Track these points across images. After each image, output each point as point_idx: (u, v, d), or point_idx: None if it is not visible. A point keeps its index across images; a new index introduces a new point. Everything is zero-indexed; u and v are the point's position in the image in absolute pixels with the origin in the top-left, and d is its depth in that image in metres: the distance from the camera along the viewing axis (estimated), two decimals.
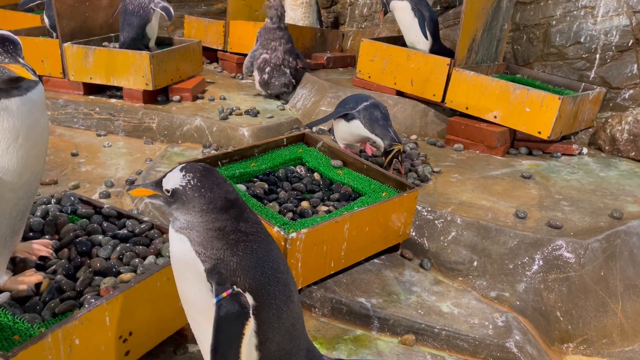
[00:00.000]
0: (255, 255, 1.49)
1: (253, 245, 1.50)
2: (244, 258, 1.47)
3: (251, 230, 1.51)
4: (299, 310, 1.64)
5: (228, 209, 1.50)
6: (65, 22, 4.32)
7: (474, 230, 2.76)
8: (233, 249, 1.47)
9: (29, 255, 1.97)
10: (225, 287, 1.45)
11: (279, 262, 1.57)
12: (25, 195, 1.76)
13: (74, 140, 3.99)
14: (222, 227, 1.48)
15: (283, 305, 1.54)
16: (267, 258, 1.52)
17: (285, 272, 1.58)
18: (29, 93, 1.64)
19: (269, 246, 1.55)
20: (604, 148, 3.90)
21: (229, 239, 1.47)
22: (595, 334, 2.54)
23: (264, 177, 2.83)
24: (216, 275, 1.45)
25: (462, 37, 3.83)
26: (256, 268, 1.49)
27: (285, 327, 1.56)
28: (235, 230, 1.49)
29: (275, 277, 1.52)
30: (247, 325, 1.45)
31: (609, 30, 4.03)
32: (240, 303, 1.45)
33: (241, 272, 1.46)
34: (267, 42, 4.57)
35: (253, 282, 1.47)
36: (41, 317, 1.68)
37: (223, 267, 1.45)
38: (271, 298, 1.50)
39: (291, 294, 1.58)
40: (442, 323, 2.29)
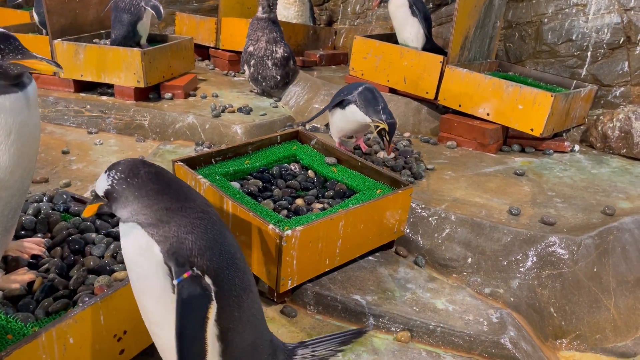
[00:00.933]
0: (210, 235, 1.45)
1: (206, 225, 1.46)
2: (198, 237, 1.43)
3: (200, 210, 1.48)
4: (258, 301, 1.61)
5: (165, 190, 1.47)
6: (55, 18, 4.27)
7: (468, 227, 2.77)
8: (186, 227, 1.43)
9: (21, 253, 1.95)
10: (184, 269, 1.41)
11: (236, 249, 1.53)
12: (18, 192, 1.74)
13: (65, 138, 3.95)
14: (167, 206, 1.45)
15: (242, 293, 1.50)
16: (223, 241, 1.48)
17: (242, 260, 1.54)
18: (23, 90, 1.62)
19: (222, 230, 1.51)
20: (595, 145, 3.93)
21: (178, 216, 1.44)
22: (588, 329, 2.56)
23: (258, 175, 2.81)
24: (173, 256, 1.41)
25: (455, 34, 3.84)
26: (212, 249, 1.44)
27: (246, 317, 1.52)
28: (182, 207, 1.46)
29: (234, 263, 1.48)
30: (211, 309, 1.41)
31: (600, 27, 4.05)
32: (201, 285, 1.40)
33: (197, 252, 1.42)
34: (252, 33, 4.55)
35: (211, 265, 1.42)
36: (34, 316, 1.66)
37: (178, 246, 1.41)
38: (230, 284, 1.46)
39: (250, 283, 1.55)
40: (437, 320, 2.30)
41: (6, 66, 1.57)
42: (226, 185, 2.57)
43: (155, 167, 1.53)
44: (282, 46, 4.54)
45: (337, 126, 3.23)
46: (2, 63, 1.56)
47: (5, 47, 1.56)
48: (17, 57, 1.57)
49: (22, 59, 1.57)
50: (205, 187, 2.46)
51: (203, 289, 1.40)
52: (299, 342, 1.85)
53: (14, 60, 1.57)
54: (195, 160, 2.72)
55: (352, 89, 3.10)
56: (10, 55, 1.56)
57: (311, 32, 5.61)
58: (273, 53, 4.50)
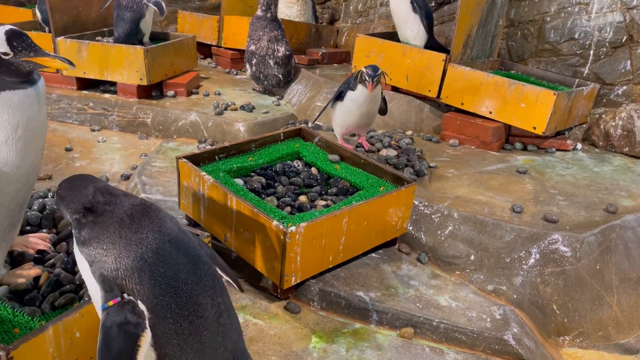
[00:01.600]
0: (139, 255, 1.37)
1: (136, 244, 1.38)
2: (125, 259, 1.35)
3: (133, 229, 1.40)
4: (214, 327, 1.44)
5: (92, 204, 1.42)
6: (58, 16, 4.28)
7: (471, 225, 2.78)
8: (111, 248, 1.36)
9: (26, 249, 1.96)
10: (113, 294, 1.35)
11: (179, 270, 1.40)
12: (24, 187, 1.75)
13: (68, 135, 3.96)
14: (95, 221, 1.40)
15: (183, 320, 1.37)
16: (159, 263, 1.38)
17: (188, 282, 1.40)
18: (32, 86, 1.64)
19: (164, 250, 1.40)
20: (597, 143, 3.93)
21: (108, 233, 1.38)
22: (591, 326, 2.56)
23: (262, 172, 2.82)
24: (100, 278, 1.36)
25: (458, 33, 3.85)
26: (141, 270, 1.35)
27: (189, 344, 1.39)
28: (114, 226, 1.39)
29: (171, 286, 1.37)
30: (143, 337, 1.33)
31: (602, 26, 4.06)
32: (131, 313, 1.33)
33: (123, 274, 1.34)
34: (253, 32, 4.55)
35: (141, 288, 1.34)
36: (41, 310, 1.67)
37: (104, 269, 1.34)
38: (165, 310, 1.35)
39: (198, 308, 1.40)
40: (441, 316, 2.30)
41: (19, 63, 1.59)
42: (230, 182, 2.58)
43: (87, 180, 1.51)
44: (283, 45, 4.54)
45: (339, 121, 3.24)
46: (15, 60, 1.58)
47: (19, 44, 1.58)
48: (29, 54, 1.60)
49: (34, 56, 1.60)
50: (209, 183, 2.47)
51: (132, 317, 1.33)
52: None
53: (26, 57, 1.59)
54: (199, 157, 2.73)
55: (349, 78, 3.15)
56: (23, 52, 1.59)
57: (313, 30, 5.62)
58: (275, 52, 4.50)
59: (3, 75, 1.59)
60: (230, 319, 1.51)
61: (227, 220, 2.44)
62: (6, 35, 1.57)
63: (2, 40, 1.57)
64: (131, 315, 1.33)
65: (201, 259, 1.48)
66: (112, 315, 1.33)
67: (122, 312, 1.33)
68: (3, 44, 1.57)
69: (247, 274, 2.52)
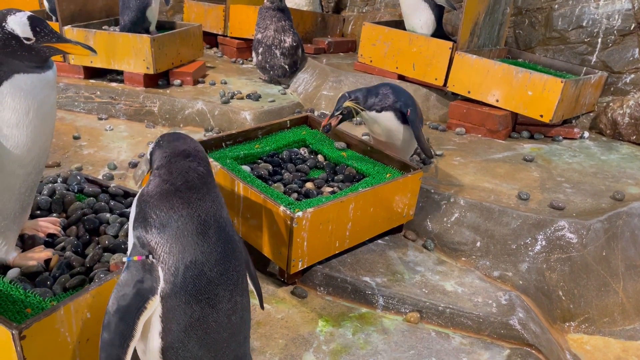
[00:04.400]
0: (182, 233, 1.40)
1: (184, 220, 1.41)
2: (167, 228, 1.40)
3: (193, 204, 1.44)
4: (224, 322, 1.45)
5: (174, 176, 1.48)
6: (65, 5, 4.29)
7: (477, 212, 2.78)
8: (161, 214, 1.41)
9: (37, 232, 1.98)
10: (142, 251, 1.39)
11: (211, 256, 1.42)
12: (34, 170, 1.77)
13: (75, 123, 3.98)
14: (168, 191, 1.45)
15: (195, 303, 1.38)
16: (196, 243, 1.41)
17: (214, 270, 1.42)
18: (46, 71, 1.67)
19: (206, 233, 1.43)
20: (605, 132, 3.92)
21: (161, 202, 1.43)
22: (596, 312, 2.57)
23: (268, 159, 2.83)
24: (137, 234, 1.42)
25: (465, 21, 3.83)
26: (175, 244, 1.39)
27: (195, 330, 1.40)
28: (172, 194, 1.44)
29: (197, 268, 1.39)
30: (151, 301, 1.36)
31: (611, 14, 4.02)
32: (149, 275, 1.37)
33: (159, 242, 1.38)
34: (261, 21, 4.55)
35: (167, 258, 1.38)
36: (52, 291, 1.69)
37: (146, 228, 1.41)
38: (182, 287, 1.37)
39: (214, 297, 1.41)
40: (447, 301, 2.32)
41: (40, 48, 1.61)
42: (237, 168, 2.59)
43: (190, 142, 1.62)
44: (290, 35, 4.53)
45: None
46: (36, 45, 1.60)
47: (41, 30, 1.61)
48: (52, 40, 1.62)
49: (56, 42, 1.63)
50: (216, 170, 2.48)
51: (149, 279, 1.37)
52: None
53: (48, 43, 1.62)
54: (206, 144, 2.74)
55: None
56: (45, 38, 1.61)
57: (319, 19, 5.60)
58: (281, 42, 4.50)
59: (23, 59, 1.61)
60: (242, 321, 1.52)
61: (234, 207, 2.46)
62: (29, 21, 1.59)
63: (26, 25, 1.59)
64: (148, 276, 1.37)
65: (236, 254, 1.50)
66: (132, 269, 1.39)
67: (142, 270, 1.38)
68: (27, 29, 1.59)
69: (255, 259, 2.53)
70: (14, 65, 1.61)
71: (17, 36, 1.58)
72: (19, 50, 1.59)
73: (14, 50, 1.59)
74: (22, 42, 1.59)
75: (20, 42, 1.59)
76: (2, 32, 1.57)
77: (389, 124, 2.86)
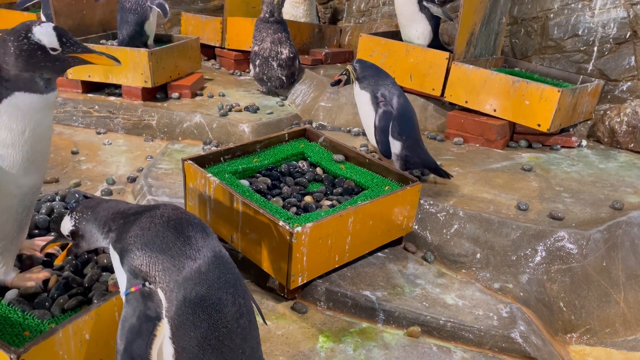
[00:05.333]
0: (165, 246, 1.42)
1: (164, 236, 1.44)
2: (153, 246, 1.41)
3: (162, 223, 1.47)
4: (233, 326, 1.43)
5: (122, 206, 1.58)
6: (63, 20, 4.31)
7: (477, 223, 2.78)
8: (140, 237, 1.44)
9: (35, 252, 1.97)
10: (136, 281, 1.39)
11: (202, 263, 1.42)
12: (31, 190, 1.76)
13: (74, 138, 3.98)
14: (125, 216, 1.52)
15: (202, 311, 1.38)
16: (183, 253, 1.41)
17: (209, 274, 1.43)
18: (47, 93, 1.67)
19: (189, 242, 1.44)
20: (603, 140, 3.92)
21: (136, 225, 1.47)
22: (598, 323, 2.56)
23: (267, 173, 2.83)
24: (127, 267, 1.41)
25: (461, 31, 3.84)
26: (165, 260, 1.39)
27: (208, 341, 1.38)
28: (148, 224, 1.47)
29: (196, 276, 1.40)
30: (159, 328, 1.36)
31: (606, 22, 4.04)
32: (150, 302, 1.37)
33: (147, 262, 1.39)
34: (257, 33, 4.58)
35: (163, 276, 1.38)
36: (51, 313, 1.68)
37: (132, 258, 1.41)
38: (184, 299, 1.37)
39: (218, 302, 1.41)
40: (447, 315, 2.31)
41: (64, 59, 1.62)
42: (235, 183, 2.59)
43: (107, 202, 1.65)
44: (287, 47, 4.56)
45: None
46: (61, 55, 1.61)
47: (67, 40, 1.62)
48: (77, 50, 1.63)
49: (81, 52, 1.63)
50: (214, 185, 2.48)
51: (151, 305, 1.37)
52: None
53: (73, 53, 1.62)
54: (204, 159, 2.74)
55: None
56: (71, 48, 1.62)
57: (316, 30, 5.62)
58: (278, 54, 4.52)
59: (45, 70, 1.62)
60: (251, 324, 1.50)
61: (233, 222, 2.46)
62: (56, 32, 1.61)
63: (53, 36, 1.59)
64: (150, 304, 1.37)
65: (226, 259, 1.50)
66: (132, 301, 1.38)
67: (142, 299, 1.37)
68: (54, 40, 1.59)
69: (254, 274, 2.53)
70: (19, 81, 1.60)
71: (43, 46, 1.59)
72: (44, 61, 1.60)
73: (39, 60, 1.59)
74: (48, 52, 1.59)
75: (46, 53, 1.59)
76: (28, 42, 1.57)
77: (361, 105, 3.06)
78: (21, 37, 1.57)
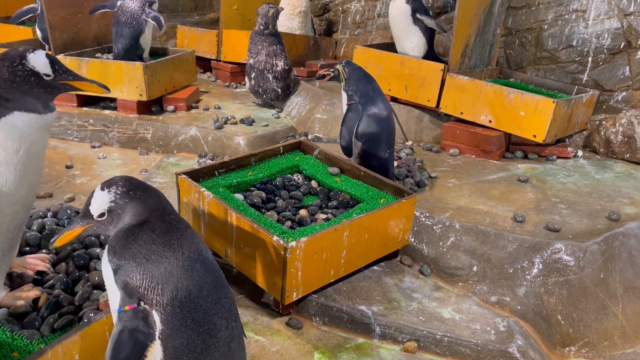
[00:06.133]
0: (168, 270, 1.38)
1: (168, 259, 1.40)
2: (153, 270, 1.37)
3: (174, 244, 1.42)
4: (224, 350, 1.45)
5: (153, 215, 1.44)
6: (58, 34, 4.30)
7: (473, 235, 2.76)
8: (143, 257, 1.39)
9: (25, 270, 1.95)
10: (131, 300, 1.37)
11: (203, 288, 1.42)
12: (22, 208, 1.75)
13: (68, 152, 3.96)
14: (133, 232, 1.42)
15: (197, 336, 1.38)
16: (186, 278, 1.39)
17: (208, 300, 1.42)
18: (47, 113, 1.71)
19: (192, 267, 1.42)
20: (598, 150, 3.92)
21: (139, 244, 1.41)
22: (596, 336, 2.53)
23: (262, 186, 2.82)
24: (123, 285, 1.39)
25: (455, 42, 3.85)
26: (166, 284, 1.37)
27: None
28: (151, 241, 1.41)
29: (192, 302, 1.38)
30: (151, 348, 1.35)
31: (600, 33, 4.06)
32: (144, 322, 1.35)
33: (147, 285, 1.36)
34: (252, 46, 4.59)
35: (161, 299, 1.36)
36: (40, 333, 1.66)
37: (129, 277, 1.37)
38: (181, 324, 1.37)
39: (213, 327, 1.42)
40: (444, 329, 2.28)
41: (56, 85, 1.69)
42: (230, 197, 2.57)
43: (150, 190, 1.51)
44: (282, 59, 4.57)
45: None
46: (54, 82, 1.68)
47: (59, 67, 1.69)
48: (68, 77, 1.71)
49: (72, 80, 1.72)
50: (208, 199, 2.46)
51: (144, 326, 1.35)
52: None
53: (65, 80, 1.70)
54: (198, 173, 2.73)
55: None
56: (63, 75, 1.69)
57: (312, 42, 5.64)
58: (273, 66, 4.53)
59: (38, 95, 1.67)
60: (240, 347, 1.52)
61: (227, 236, 2.43)
62: (49, 59, 1.68)
63: (46, 63, 1.67)
64: (143, 324, 1.35)
65: (223, 282, 1.51)
66: (125, 319, 1.36)
67: (135, 318, 1.35)
68: (47, 66, 1.67)
69: (249, 290, 2.50)
70: (18, 102, 1.63)
71: (37, 73, 1.65)
72: (37, 87, 1.66)
73: (32, 86, 1.65)
74: (41, 78, 1.66)
75: (39, 79, 1.66)
76: (22, 69, 1.63)
77: (343, 104, 3.14)
78: (15, 63, 1.63)
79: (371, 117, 2.98)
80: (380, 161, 3.01)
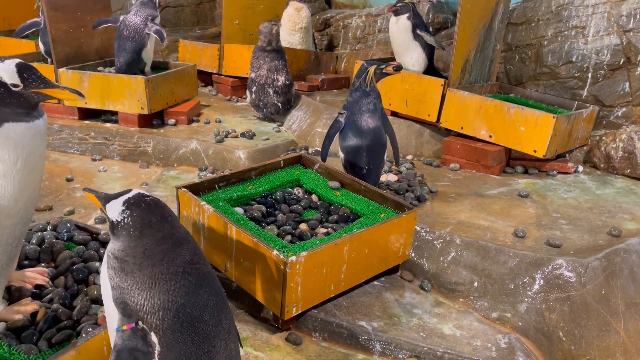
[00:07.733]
0: (171, 296, 1.37)
1: (173, 285, 1.38)
2: (154, 294, 1.36)
3: (176, 270, 1.40)
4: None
5: (148, 235, 1.40)
6: (60, 47, 4.33)
7: (474, 250, 2.75)
8: (145, 282, 1.37)
9: (24, 283, 1.94)
10: (130, 320, 1.37)
11: (205, 312, 1.42)
12: (21, 221, 1.74)
13: (69, 165, 3.97)
14: (138, 255, 1.38)
15: (195, 359, 1.38)
16: (188, 302, 1.39)
17: (209, 323, 1.42)
18: (35, 120, 1.67)
19: (196, 292, 1.41)
20: (599, 166, 3.92)
21: (143, 268, 1.38)
22: (598, 353, 2.51)
23: (262, 200, 2.81)
24: (121, 305, 1.38)
25: (456, 58, 3.87)
26: (168, 309, 1.36)
27: None
28: (154, 265, 1.39)
29: (193, 326, 1.38)
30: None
31: (600, 49, 4.08)
32: (142, 341, 1.35)
33: (149, 310, 1.35)
34: (254, 61, 4.63)
35: (161, 324, 1.35)
36: (37, 347, 1.64)
37: (130, 298, 1.36)
38: (180, 346, 1.36)
39: (212, 349, 1.42)
40: (445, 345, 2.26)
41: (28, 95, 1.65)
42: (230, 211, 2.57)
43: (168, 218, 1.45)
44: (283, 74, 4.60)
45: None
46: (24, 92, 1.64)
47: (29, 76, 1.65)
48: (39, 86, 1.66)
49: (44, 87, 1.67)
50: (208, 213, 2.46)
51: (143, 345, 1.35)
52: None
53: (36, 89, 1.65)
54: (198, 187, 2.72)
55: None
56: (33, 84, 1.65)
57: (313, 57, 5.67)
58: (274, 81, 4.56)
59: (11, 106, 1.63)
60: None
61: (227, 250, 2.43)
62: (17, 68, 1.63)
63: (13, 72, 1.63)
64: (142, 343, 1.35)
65: (225, 303, 1.50)
66: (124, 339, 1.35)
67: (134, 338, 1.35)
68: (14, 76, 1.63)
69: (248, 304, 2.49)
70: (4, 113, 1.61)
71: (4, 83, 1.61)
72: (7, 97, 1.62)
73: (2, 97, 1.61)
74: (9, 88, 1.62)
75: (7, 89, 1.62)
76: None
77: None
78: None
79: (352, 130, 3.01)
80: (358, 175, 3.02)
